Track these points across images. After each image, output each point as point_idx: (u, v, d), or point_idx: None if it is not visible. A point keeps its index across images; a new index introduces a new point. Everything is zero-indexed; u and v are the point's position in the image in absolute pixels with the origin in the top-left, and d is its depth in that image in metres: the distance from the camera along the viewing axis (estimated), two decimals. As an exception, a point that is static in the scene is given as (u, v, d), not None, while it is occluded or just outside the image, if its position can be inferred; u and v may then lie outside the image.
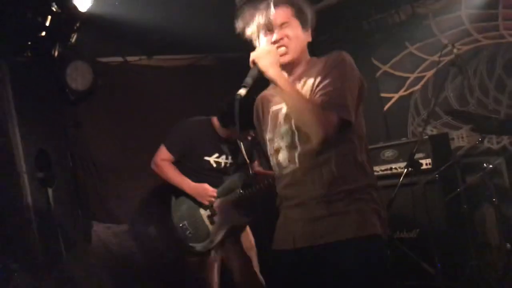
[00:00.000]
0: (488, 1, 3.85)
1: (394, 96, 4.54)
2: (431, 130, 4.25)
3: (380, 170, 3.78)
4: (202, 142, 3.15)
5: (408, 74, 4.44)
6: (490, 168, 2.79)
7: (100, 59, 4.08)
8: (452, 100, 4.19)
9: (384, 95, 4.60)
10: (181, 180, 3.11)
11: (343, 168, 1.87)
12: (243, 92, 1.85)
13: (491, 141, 3.89)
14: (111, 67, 4.27)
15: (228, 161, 3.19)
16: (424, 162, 3.50)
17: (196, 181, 3.12)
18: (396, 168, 3.68)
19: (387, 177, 3.68)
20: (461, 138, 4.03)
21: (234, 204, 3.13)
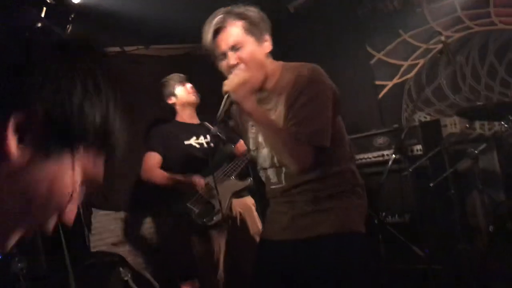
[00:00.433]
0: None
1: (388, 84, 4.59)
2: (424, 117, 4.31)
3: (373, 157, 3.85)
4: (177, 132, 3.37)
5: (402, 62, 4.48)
6: (475, 153, 2.84)
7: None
8: (445, 87, 4.23)
9: (378, 82, 4.65)
10: (168, 177, 3.20)
11: (330, 176, 1.94)
12: (215, 132, 1.89)
13: (483, 127, 3.94)
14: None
15: (208, 140, 3.31)
16: (414, 149, 3.57)
17: (186, 171, 3.21)
18: (388, 155, 3.74)
19: (380, 163, 3.75)
20: (453, 125, 4.08)
21: (227, 175, 3.27)
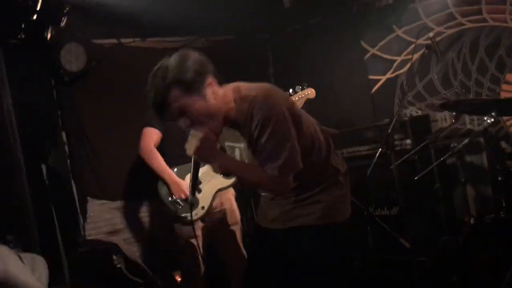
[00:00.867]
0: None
1: (382, 78, 4.65)
2: (416, 112, 4.38)
3: (364, 150, 3.92)
4: None
5: (395, 57, 4.53)
6: (459, 148, 2.92)
7: (94, 40, 4.19)
8: (437, 82, 4.30)
9: (372, 77, 4.71)
10: (164, 170, 3.20)
11: (309, 180, 2.04)
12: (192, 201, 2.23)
13: (473, 122, 4.01)
14: (105, 48, 4.38)
15: None
16: (403, 143, 3.64)
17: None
18: (378, 148, 3.81)
19: (371, 157, 3.81)
20: (444, 120, 4.14)
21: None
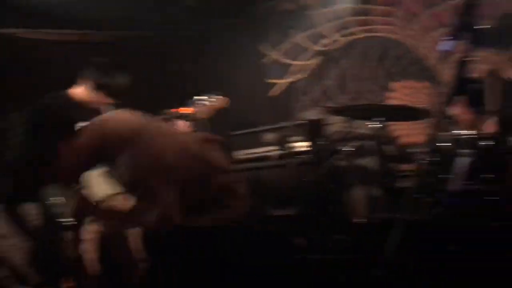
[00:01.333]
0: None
1: (280, 82, 4.76)
2: (313, 115, 4.53)
3: (261, 152, 3.98)
4: None
5: (293, 62, 4.67)
6: (350, 150, 3.06)
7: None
8: (333, 88, 4.49)
9: (270, 81, 4.80)
10: None
11: None
12: None
13: (364, 127, 4.23)
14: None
15: None
16: (299, 145, 3.74)
17: None
18: (275, 150, 3.89)
19: (267, 159, 3.88)
20: (338, 124, 4.33)
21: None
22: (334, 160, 3.24)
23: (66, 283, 3.66)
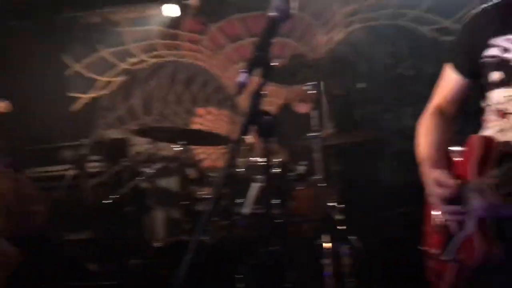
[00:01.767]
0: (173, 22, 4.24)
1: (83, 97, 4.52)
2: (116, 135, 4.39)
3: (57, 170, 3.70)
4: None
5: (98, 77, 4.48)
6: (150, 173, 3.06)
7: None
8: (138, 108, 4.43)
9: (72, 94, 4.53)
10: None
11: None
12: None
13: (168, 149, 4.26)
14: None
15: None
16: (99, 165, 3.59)
17: None
18: (71, 169, 3.66)
19: (63, 178, 3.63)
20: (141, 145, 4.27)
21: None
22: (136, 182, 3.18)
23: None
